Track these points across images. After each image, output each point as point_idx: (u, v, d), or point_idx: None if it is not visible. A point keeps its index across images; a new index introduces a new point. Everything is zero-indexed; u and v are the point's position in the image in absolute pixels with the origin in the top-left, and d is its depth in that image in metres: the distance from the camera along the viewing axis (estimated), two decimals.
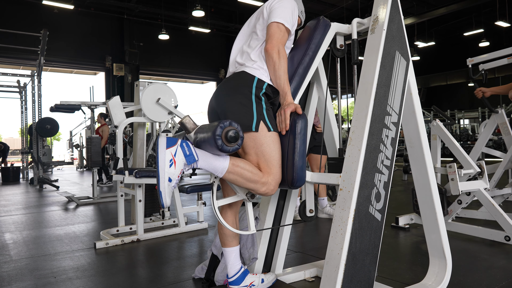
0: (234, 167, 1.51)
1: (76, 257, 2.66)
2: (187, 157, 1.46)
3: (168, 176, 1.44)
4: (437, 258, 1.79)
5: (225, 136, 1.42)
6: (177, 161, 1.45)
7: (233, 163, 1.51)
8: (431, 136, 3.30)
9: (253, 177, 1.54)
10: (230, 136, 1.43)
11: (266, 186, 1.56)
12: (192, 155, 1.47)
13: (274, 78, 1.62)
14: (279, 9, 1.68)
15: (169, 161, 1.44)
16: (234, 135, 1.44)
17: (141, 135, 3.80)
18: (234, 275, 1.75)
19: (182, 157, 1.46)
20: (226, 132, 1.42)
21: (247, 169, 1.53)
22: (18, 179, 9.24)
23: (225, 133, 1.42)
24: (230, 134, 1.43)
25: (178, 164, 1.45)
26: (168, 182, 1.44)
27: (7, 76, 9.41)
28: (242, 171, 1.52)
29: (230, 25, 16.28)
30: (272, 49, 1.60)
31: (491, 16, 15.70)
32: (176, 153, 1.45)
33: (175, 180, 1.46)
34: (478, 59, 3.77)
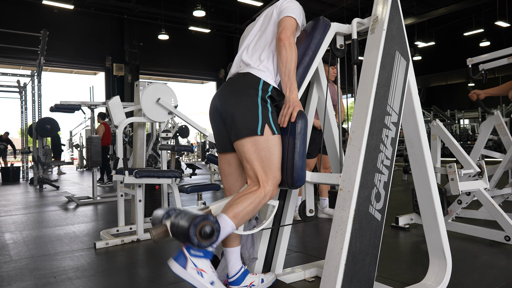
0: (237, 218, 1.51)
1: (76, 257, 2.66)
2: (205, 256, 1.46)
3: (209, 282, 1.44)
4: (437, 258, 1.79)
5: (199, 233, 1.37)
6: (203, 267, 1.44)
7: (234, 216, 1.51)
8: (431, 136, 3.30)
9: (256, 202, 1.55)
10: (204, 232, 1.37)
11: (269, 195, 1.58)
12: (206, 251, 1.46)
13: (283, 69, 1.60)
14: (290, 8, 1.71)
15: (198, 274, 1.43)
16: (209, 231, 1.38)
17: (141, 135, 3.81)
18: (234, 275, 1.75)
19: (202, 260, 1.45)
20: (200, 229, 1.37)
21: (246, 205, 1.53)
22: (18, 179, 9.24)
23: (199, 230, 1.37)
24: (205, 230, 1.37)
25: (205, 267, 1.45)
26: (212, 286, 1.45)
27: (7, 76, 9.41)
28: (245, 211, 1.53)
29: (230, 25, 16.29)
30: (286, 38, 1.61)
31: (491, 16, 15.70)
32: (195, 264, 1.43)
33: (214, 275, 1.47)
34: (478, 59, 3.77)
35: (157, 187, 3.67)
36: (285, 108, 1.61)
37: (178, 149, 3.36)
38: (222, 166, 1.79)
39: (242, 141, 1.59)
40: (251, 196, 1.55)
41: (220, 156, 1.80)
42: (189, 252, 1.44)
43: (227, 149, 1.74)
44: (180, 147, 3.52)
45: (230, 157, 1.75)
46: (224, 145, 1.74)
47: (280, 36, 1.62)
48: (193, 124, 3.83)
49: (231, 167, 1.77)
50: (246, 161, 1.60)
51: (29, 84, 9.39)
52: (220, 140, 1.75)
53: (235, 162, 1.75)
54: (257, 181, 1.59)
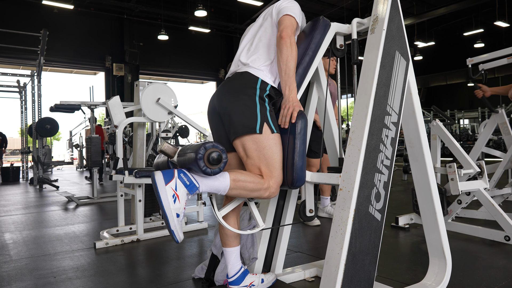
0: (236, 183, 1.50)
1: (76, 257, 2.66)
2: (188, 187, 1.42)
3: (175, 213, 1.40)
4: (437, 258, 1.79)
5: (207, 158, 1.38)
6: (180, 195, 1.41)
7: (234, 179, 1.49)
8: (431, 136, 3.30)
9: (256, 186, 1.53)
10: (212, 158, 1.39)
11: (269, 191, 1.56)
12: (192, 184, 1.43)
13: (284, 67, 1.60)
14: (289, 7, 1.71)
15: (172, 197, 1.39)
16: (217, 157, 1.40)
17: (141, 135, 3.81)
18: (234, 275, 1.75)
19: (183, 189, 1.42)
20: (208, 154, 1.38)
21: (248, 180, 1.52)
22: (18, 179, 9.23)
23: (208, 155, 1.38)
24: (213, 156, 1.39)
25: (181, 198, 1.41)
26: (177, 219, 1.40)
27: (7, 76, 9.41)
28: (244, 184, 1.51)
29: (230, 25, 16.29)
30: (287, 37, 1.61)
31: (491, 16, 15.70)
32: (176, 187, 1.41)
33: (182, 213, 1.43)
34: (478, 59, 3.77)
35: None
36: (285, 108, 1.60)
37: None
38: None
39: (241, 139, 1.59)
40: (256, 178, 1.55)
41: None
42: (178, 174, 1.42)
43: (226, 149, 1.73)
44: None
45: (229, 157, 1.75)
46: (223, 145, 1.74)
47: (282, 34, 1.62)
48: (193, 124, 3.83)
49: (230, 167, 1.76)
50: (248, 158, 1.60)
51: (29, 84, 9.40)
52: (219, 140, 1.75)
53: (234, 162, 1.75)
54: (260, 174, 1.59)
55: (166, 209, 1.39)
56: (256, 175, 1.56)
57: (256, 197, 1.57)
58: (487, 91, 3.47)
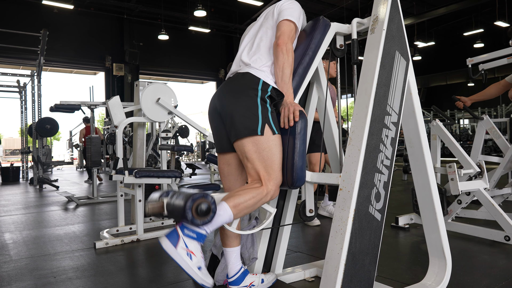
0: (237, 208, 1.50)
1: (76, 257, 2.66)
2: (198, 238, 1.43)
3: (196, 267, 1.41)
4: (437, 258, 1.79)
5: (195, 210, 1.36)
6: (193, 250, 1.41)
7: (234, 206, 1.49)
8: (431, 136, 3.30)
9: (257, 199, 1.54)
10: (201, 209, 1.36)
11: (270, 194, 1.57)
12: (199, 234, 1.43)
13: (280, 74, 1.61)
14: (290, 10, 1.71)
15: (186, 255, 1.40)
16: (205, 208, 1.37)
17: (141, 135, 3.81)
18: (234, 275, 1.75)
19: (194, 243, 1.42)
20: (197, 205, 1.36)
21: (248, 199, 1.53)
22: (18, 179, 9.23)
23: (196, 207, 1.36)
24: (201, 207, 1.36)
25: (195, 251, 1.42)
26: (200, 271, 1.42)
27: (7, 76, 9.41)
28: (245, 204, 1.52)
29: (230, 25, 16.29)
30: (283, 44, 1.61)
31: (491, 16, 15.71)
32: (187, 245, 1.41)
33: (202, 262, 1.44)
34: (477, 59, 3.77)
35: (157, 187, 3.67)
36: (285, 109, 1.60)
37: (178, 149, 3.36)
38: (222, 167, 1.79)
39: (242, 141, 1.59)
40: (254, 191, 1.55)
41: (219, 156, 1.80)
42: (182, 231, 1.42)
43: (227, 149, 1.74)
44: (180, 147, 3.52)
45: (229, 157, 1.75)
46: (223, 145, 1.74)
47: (278, 41, 1.63)
48: (193, 124, 3.83)
49: (231, 167, 1.77)
50: (247, 160, 1.60)
51: (29, 84, 9.40)
52: (219, 140, 1.75)
53: (234, 162, 1.75)
54: (259, 179, 1.59)
55: (187, 269, 1.40)
56: (253, 187, 1.57)
57: (260, 205, 1.59)
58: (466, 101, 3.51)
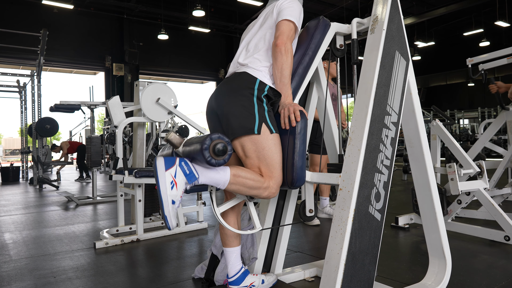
0: (236, 178, 1.50)
1: (76, 257, 2.66)
2: (188, 176, 1.43)
3: (171, 199, 1.41)
4: (436, 258, 1.79)
5: (213, 149, 1.39)
6: (178, 182, 1.42)
7: (234, 174, 1.50)
8: (430, 136, 3.30)
9: (255, 184, 1.53)
10: (217, 149, 1.39)
11: (268, 190, 1.56)
12: (192, 173, 1.44)
13: (279, 75, 1.60)
14: (289, 9, 1.70)
15: (170, 183, 1.40)
16: (222, 148, 1.40)
17: (140, 135, 3.81)
18: (234, 275, 1.75)
19: (182, 177, 1.42)
20: (214, 144, 1.39)
21: (248, 177, 1.52)
22: (18, 179, 9.23)
23: (213, 146, 1.39)
24: (218, 147, 1.40)
25: (179, 185, 1.42)
26: (172, 205, 1.41)
27: (7, 76, 9.40)
28: (244, 180, 1.51)
29: (230, 25, 16.28)
30: (282, 44, 1.60)
31: (491, 16, 15.70)
32: (176, 174, 1.42)
33: (178, 201, 1.43)
34: (477, 59, 3.77)
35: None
36: (285, 110, 1.60)
37: None
38: None
39: (240, 140, 1.59)
40: (257, 176, 1.55)
41: None
42: (179, 162, 1.44)
43: None
44: None
45: None
46: None
47: (277, 41, 1.62)
48: (192, 124, 3.83)
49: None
50: (247, 158, 1.60)
51: (29, 84, 9.39)
52: None
53: (233, 162, 1.75)
54: (260, 174, 1.58)
55: (163, 194, 1.40)
56: (257, 173, 1.56)
57: (255, 195, 1.57)
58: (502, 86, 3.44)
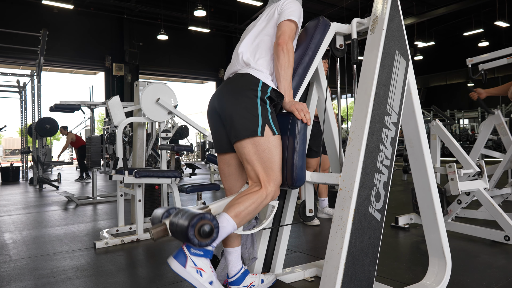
0: (239, 216, 1.51)
1: (76, 257, 2.66)
2: (205, 255, 1.45)
3: (207, 282, 1.43)
4: (436, 258, 1.79)
5: (198, 232, 1.37)
6: (202, 266, 1.44)
7: (235, 215, 1.50)
8: (430, 136, 3.30)
9: (257, 203, 1.55)
10: (203, 231, 1.37)
11: (270, 196, 1.58)
12: (206, 250, 1.45)
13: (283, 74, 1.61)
14: (290, 9, 1.71)
15: (196, 273, 1.42)
16: (208, 230, 1.38)
17: (140, 135, 3.80)
18: (234, 275, 1.75)
19: (201, 259, 1.44)
20: (199, 228, 1.37)
21: (248, 205, 1.53)
22: (18, 179, 9.23)
23: (198, 229, 1.37)
24: (204, 229, 1.37)
25: (205, 267, 1.44)
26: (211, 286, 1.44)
27: (7, 76, 9.40)
28: (246, 211, 1.53)
29: (230, 25, 16.28)
30: (284, 43, 1.61)
31: (491, 16, 15.70)
32: (195, 263, 1.43)
33: (213, 276, 1.46)
34: (477, 59, 3.77)
35: (156, 187, 3.67)
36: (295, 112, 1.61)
37: (178, 149, 3.35)
38: (222, 167, 1.79)
39: (242, 142, 1.59)
40: (253, 196, 1.55)
41: (219, 157, 1.80)
42: (189, 250, 1.44)
43: (226, 150, 1.73)
44: (180, 147, 3.51)
45: (229, 158, 1.75)
46: (223, 146, 1.73)
47: (279, 41, 1.62)
48: (193, 124, 3.83)
49: (231, 167, 1.76)
50: (247, 162, 1.60)
51: (29, 84, 9.39)
52: (219, 141, 1.74)
53: (234, 162, 1.75)
54: (258, 182, 1.59)
55: (199, 286, 1.43)
56: (252, 191, 1.57)
57: (263, 207, 1.59)
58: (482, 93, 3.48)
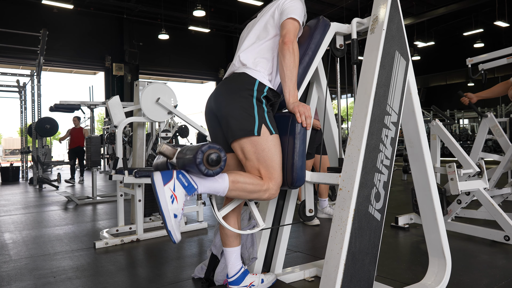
0: (235, 184, 1.50)
1: (76, 257, 2.66)
2: (187, 188, 1.42)
3: (173, 213, 1.40)
4: (436, 258, 1.79)
5: (207, 161, 1.38)
6: (178, 196, 1.41)
7: (233, 180, 1.49)
8: (430, 136, 3.30)
9: (255, 188, 1.54)
10: (211, 159, 1.39)
11: (269, 192, 1.57)
12: (191, 185, 1.43)
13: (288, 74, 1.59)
14: (292, 8, 1.69)
15: (170, 197, 1.40)
16: (216, 158, 1.40)
17: (140, 134, 3.80)
18: (234, 275, 1.75)
19: (182, 190, 1.42)
20: (207, 156, 1.38)
21: (247, 182, 1.52)
22: (18, 179, 9.23)
23: (207, 157, 1.38)
24: (212, 157, 1.39)
25: (180, 198, 1.41)
26: (174, 219, 1.40)
27: (7, 75, 9.39)
28: (243, 185, 1.51)
29: (230, 25, 16.28)
30: (290, 42, 1.60)
31: (491, 16, 15.71)
32: (175, 187, 1.41)
33: (180, 214, 1.43)
34: (477, 59, 3.77)
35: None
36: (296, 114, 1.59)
37: None
38: None
39: (239, 142, 1.59)
40: (256, 179, 1.55)
41: None
42: (177, 175, 1.43)
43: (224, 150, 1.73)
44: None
45: (228, 158, 1.75)
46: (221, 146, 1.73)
47: (285, 39, 1.60)
48: (192, 124, 3.83)
49: (229, 168, 1.76)
50: (247, 160, 1.60)
51: (29, 83, 9.39)
52: (216, 141, 1.74)
53: (233, 162, 1.75)
54: (260, 176, 1.58)
55: (164, 209, 1.39)
56: (256, 176, 1.56)
57: (255, 198, 1.58)
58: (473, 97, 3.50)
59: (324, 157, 3.69)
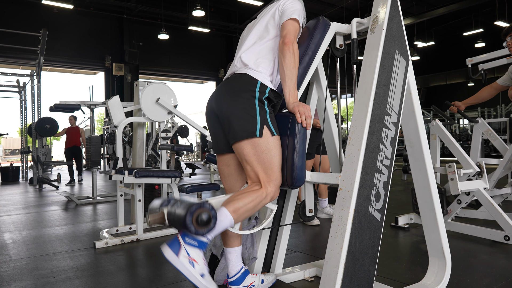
0: (237, 212, 1.50)
1: (76, 257, 2.66)
2: (199, 246, 1.43)
3: (199, 275, 1.41)
4: (436, 258, 1.79)
5: (196, 221, 1.36)
6: (195, 258, 1.41)
7: (234, 210, 1.50)
8: (430, 136, 3.30)
9: (257, 201, 1.54)
10: (201, 220, 1.36)
11: (270, 196, 1.57)
12: (200, 241, 1.43)
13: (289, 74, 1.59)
14: (293, 8, 1.70)
15: (189, 263, 1.40)
16: (206, 218, 1.37)
17: (140, 134, 3.80)
18: (234, 275, 1.75)
19: (195, 250, 1.42)
20: (196, 216, 1.36)
21: (247, 202, 1.53)
22: (18, 179, 9.23)
23: (196, 218, 1.36)
24: (202, 217, 1.37)
25: (198, 258, 1.42)
26: (202, 278, 1.42)
27: (7, 75, 9.39)
28: (245, 208, 1.52)
29: (230, 25, 16.28)
30: (291, 43, 1.60)
31: (491, 16, 15.71)
32: (188, 253, 1.41)
33: (206, 269, 1.44)
34: (477, 59, 3.77)
35: (156, 187, 3.67)
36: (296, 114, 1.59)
37: (177, 149, 3.36)
38: (221, 168, 1.79)
39: (241, 143, 1.58)
40: (253, 194, 1.55)
41: (218, 157, 1.79)
42: (184, 239, 1.42)
43: (225, 150, 1.73)
44: (180, 147, 3.51)
45: (228, 158, 1.75)
46: (221, 147, 1.73)
47: (285, 40, 1.61)
48: (192, 124, 3.83)
49: (230, 168, 1.76)
50: (246, 163, 1.60)
51: (29, 83, 9.39)
52: (217, 141, 1.74)
53: (233, 163, 1.74)
54: (258, 182, 1.59)
55: (190, 277, 1.40)
56: (252, 190, 1.57)
57: (262, 207, 1.59)
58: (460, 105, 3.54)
59: (324, 157, 3.69)
